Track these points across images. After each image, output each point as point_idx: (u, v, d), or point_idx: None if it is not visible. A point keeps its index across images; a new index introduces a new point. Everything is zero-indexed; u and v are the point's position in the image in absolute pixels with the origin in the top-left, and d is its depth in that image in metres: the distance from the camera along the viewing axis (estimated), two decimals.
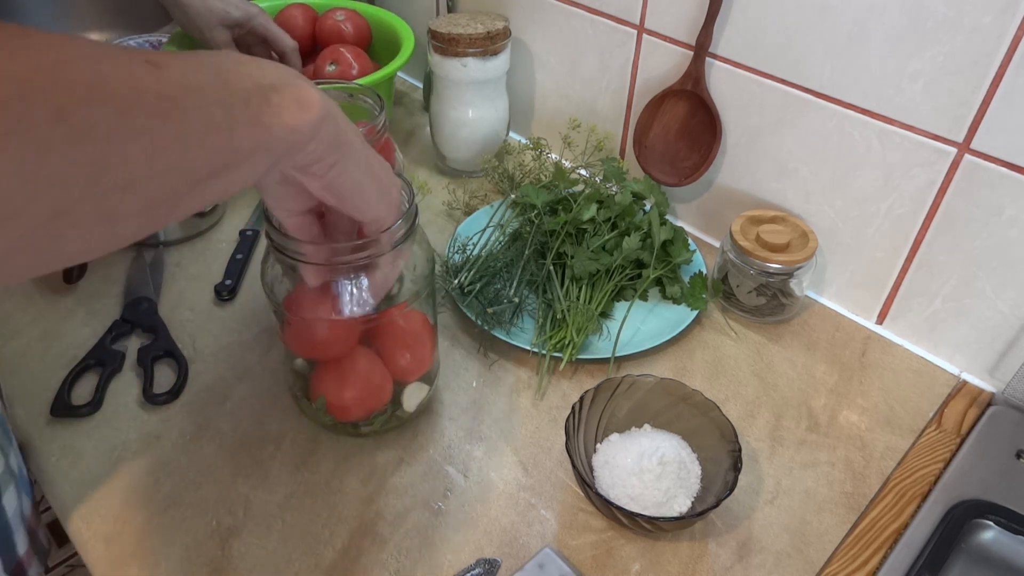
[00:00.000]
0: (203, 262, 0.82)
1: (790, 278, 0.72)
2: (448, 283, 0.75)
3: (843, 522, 0.59)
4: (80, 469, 0.61)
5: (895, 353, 0.74)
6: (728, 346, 0.74)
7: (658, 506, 0.56)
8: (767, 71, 0.72)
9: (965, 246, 0.67)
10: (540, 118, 0.99)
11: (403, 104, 1.11)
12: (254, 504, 0.59)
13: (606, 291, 0.74)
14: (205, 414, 0.66)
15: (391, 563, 0.56)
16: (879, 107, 0.66)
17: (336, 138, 0.40)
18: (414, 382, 0.63)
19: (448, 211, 0.90)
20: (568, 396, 0.68)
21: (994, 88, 0.59)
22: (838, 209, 0.73)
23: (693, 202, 0.86)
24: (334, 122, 0.40)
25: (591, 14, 0.85)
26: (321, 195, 0.44)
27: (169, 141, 0.30)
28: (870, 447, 0.65)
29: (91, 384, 0.68)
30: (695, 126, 0.80)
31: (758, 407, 0.68)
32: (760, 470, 0.63)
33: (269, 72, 0.37)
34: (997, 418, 0.67)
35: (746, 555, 0.57)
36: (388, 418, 0.63)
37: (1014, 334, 0.67)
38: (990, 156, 0.62)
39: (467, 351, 0.72)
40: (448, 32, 0.85)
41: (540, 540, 0.57)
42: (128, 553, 0.56)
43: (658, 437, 0.60)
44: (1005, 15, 0.57)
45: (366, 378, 0.60)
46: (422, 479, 0.61)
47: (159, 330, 0.72)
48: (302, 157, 0.40)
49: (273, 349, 0.72)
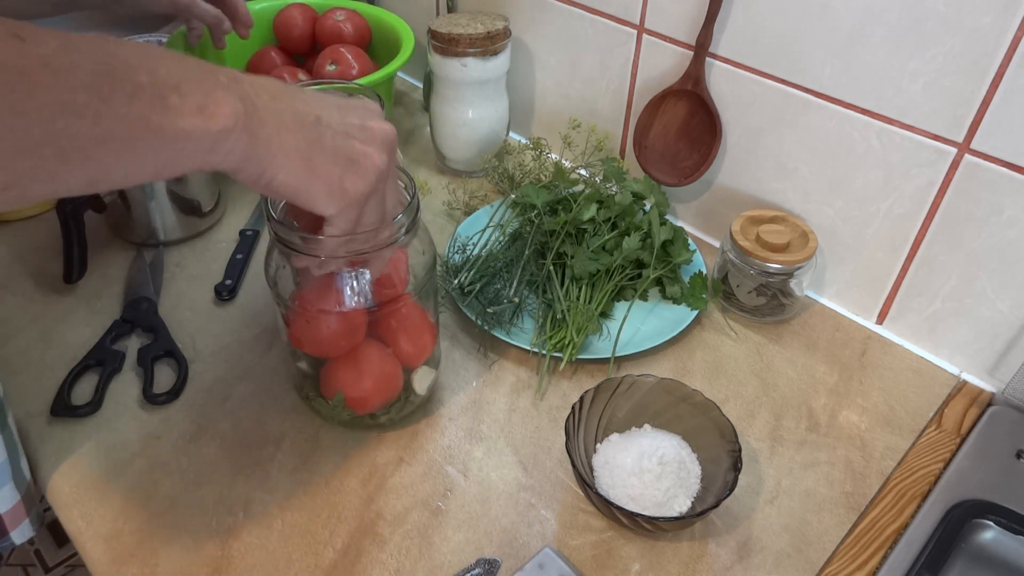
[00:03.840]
0: (203, 262, 0.82)
1: (790, 278, 0.72)
2: (448, 283, 0.75)
3: (843, 522, 0.59)
4: (80, 469, 0.61)
5: (895, 353, 0.74)
6: (728, 346, 0.74)
7: (658, 506, 0.56)
8: (767, 71, 0.72)
9: (965, 246, 0.67)
10: (540, 118, 0.99)
11: (403, 104, 1.11)
12: (254, 504, 0.59)
13: (606, 291, 0.74)
14: (205, 414, 0.66)
15: (391, 563, 0.56)
16: (879, 107, 0.66)
17: (251, 152, 0.40)
18: (421, 367, 0.64)
19: (448, 211, 0.90)
20: (568, 396, 0.68)
21: (994, 88, 0.59)
22: (838, 209, 0.73)
23: (693, 202, 0.86)
24: (249, 137, 0.39)
25: (591, 14, 0.85)
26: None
27: (5, 113, 0.30)
28: (870, 447, 0.65)
29: (91, 384, 0.68)
30: (695, 126, 0.80)
31: (758, 407, 0.68)
32: (760, 470, 0.63)
33: (179, 73, 0.36)
34: (997, 418, 0.67)
35: (746, 555, 0.57)
36: (403, 404, 0.64)
37: (1014, 334, 0.67)
38: (990, 156, 0.62)
39: (467, 351, 0.72)
40: (448, 32, 0.85)
41: (540, 540, 0.57)
42: (128, 553, 0.56)
43: (658, 437, 0.60)
44: (1005, 15, 0.57)
45: (380, 368, 0.61)
46: (422, 479, 0.61)
47: (159, 330, 0.72)
48: (217, 163, 0.39)
49: (273, 349, 0.72)
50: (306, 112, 0.43)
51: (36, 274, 0.79)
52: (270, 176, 0.41)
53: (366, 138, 0.46)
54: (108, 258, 0.81)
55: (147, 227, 0.81)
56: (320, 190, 0.44)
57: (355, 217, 0.47)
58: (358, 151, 0.45)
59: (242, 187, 0.91)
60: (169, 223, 0.82)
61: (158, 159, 0.37)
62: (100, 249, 0.81)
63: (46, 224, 0.84)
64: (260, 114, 0.40)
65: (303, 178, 0.43)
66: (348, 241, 0.49)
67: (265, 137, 0.40)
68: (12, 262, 0.80)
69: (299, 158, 0.42)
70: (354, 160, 0.45)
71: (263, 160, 0.41)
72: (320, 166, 0.43)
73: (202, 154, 0.38)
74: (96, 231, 0.81)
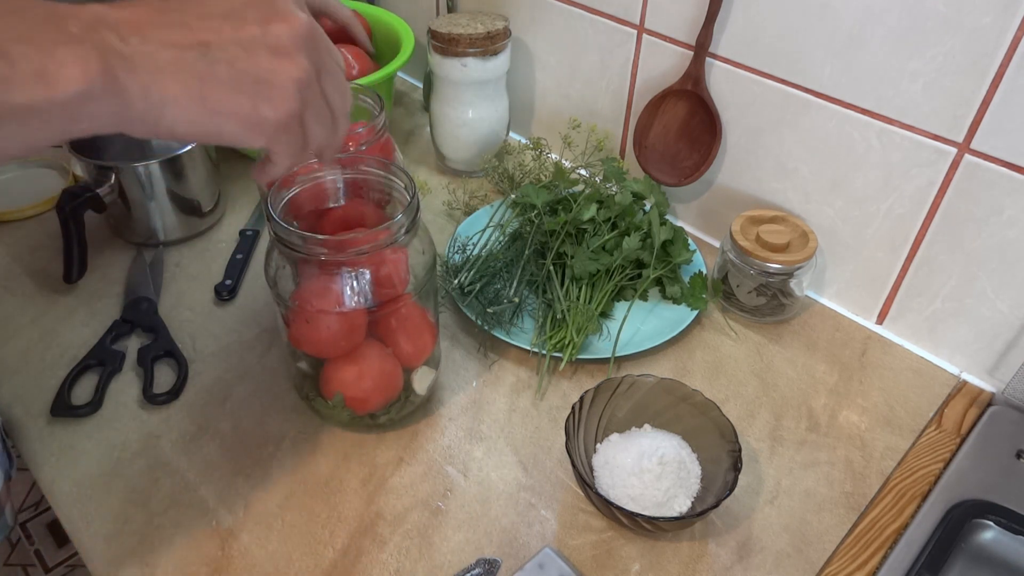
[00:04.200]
0: (203, 262, 0.82)
1: (790, 278, 0.72)
2: (448, 283, 0.75)
3: (843, 522, 0.59)
4: (80, 469, 0.61)
5: (895, 353, 0.74)
6: (728, 346, 0.74)
7: (658, 506, 0.56)
8: (767, 71, 0.72)
9: (965, 246, 0.67)
10: (540, 118, 0.99)
11: (403, 104, 1.11)
12: (254, 504, 0.59)
13: (606, 291, 0.74)
14: (205, 414, 0.66)
15: (391, 563, 0.56)
16: (879, 107, 0.66)
17: (126, 112, 0.34)
18: (421, 367, 0.64)
19: (448, 211, 0.90)
20: (568, 396, 0.68)
21: (994, 88, 0.59)
22: (838, 209, 0.73)
23: (693, 202, 0.86)
24: (117, 94, 0.33)
25: (591, 14, 0.85)
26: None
27: None
28: (870, 447, 0.65)
29: (91, 384, 0.68)
30: (695, 126, 0.80)
31: (758, 407, 0.68)
32: (760, 470, 0.63)
33: (10, 32, 0.30)
34: (997, 418, 0.67)
35: (746, 555, 0.57)
36: (403, 404, 0.64)
37: (1014, 334, 0.67)
38: (990, 156, 0.62)
39: (467, 351, 0.72)
40: (448, 32, 0.85)
41: (540, 540, 0.57)
42: (128, 553, 0.56)
43: (658, 437, 0.60)
44: (1005, 15, 0.57)
45: (380, 368, 0.61)
46: (422, 479, 0.61)
47: (159, 330, 0.72)
48: (87, 130, 0.33)
49: (273, 349, 0.72)
50: (189, 43, 0.36)
51: (36, 274, 0.79)
52: (167, 128, 0.36)
53: (273, 46, 0.38)
54: (108, 258, 0.81)
55: (147, 227, 0.81)
56: (233, 128, 0.38)
57: (294, 140, 0.41)
58: (265, 68, 0.38)
59: (242, 187, 0.91)
60: (169, 223, 0.82)
61: (6, 140, 0.31)
62: (100, 249, 0.81)
63: (46, 224, 0.84)
64: (130, 62, 0.34)
65: (206, 121, 0.37)
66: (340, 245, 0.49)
67: (140, 89, 0.34)
68: (12, 262, 0.80)
69: (192, 101, 0.36)
70: (263, 80, 0.38)
71: (147, 116, 0.35)
72: (222, 102, 0.37)
73: (61, 125, 0.32)
74: (96, 231, 0.81)
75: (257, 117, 0.38)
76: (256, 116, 0.38)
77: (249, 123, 0.38)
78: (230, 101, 0.37)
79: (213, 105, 0.36)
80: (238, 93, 0.37)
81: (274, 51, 0.38)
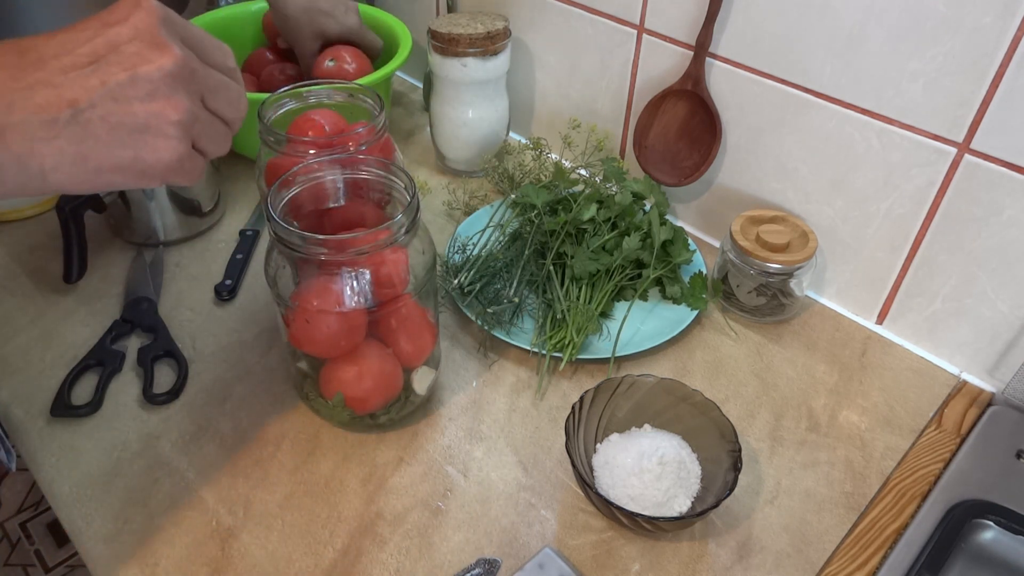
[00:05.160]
0: (203, 262, 0.82)
1: (790, 278, 0.72)
2: (448, 283, 0.75)
3: (843, 522, 0.59)
4: (80, 469, 0.61)
5: (895, 353, 0.74)
6: (728, 346, 0.74)
7: (658, 506, 0.56)
8: (767, 71, 0.72)
9: (965, 246, 0.67)
10: (540, 118, 0.99)
11: (403, 104, 1.11)
12: (254, 504, 0.59)
13: (606, 291, 0.74)
14: (205, 414, 0.66)
15: (391, 563, 0.56)
16: (879, 107, 0.66)
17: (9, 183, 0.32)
18: (421, 367, 0.64)
19: (448, 211, 0.90)
20: (568, 396, 0.68)
21: (994, 88, 0.59)
22: (838, 209, 0.73)
23: (693, 202, 0.87)
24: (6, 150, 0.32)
25: (591, 14, 0.85)
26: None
27: None
28: (870, 447, 0.65)
29: (91, 384, 0.68)
30: (695, 126, 0.80)
31: (758, 407, 0.68)
32: (760, 470, 0.63)
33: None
34: (997, 418, 0.67)
35: (746, 555, 0.57)
36: (403, 404, 0.64)
37: (1014, 334, 0.67)
38: (990, 156, 0.62)
39: (467, 351, 0.72)
40: (448, 32, 0.85)
41: (540, 540, 0.57)
42: (128, 553, 0.56)
43: (658, 437, 0.60)
44: (1005, 15, 0.57)
45: (380, 368, 0.61)
46: (422, 479, 0.61)
47: (159, 330, 0.72)
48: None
49: (273, 349, 0.72)
50: (57, 105, 0.34)
51: (36, 274, 0.79)
52: (55, 189, 0.35)
53: (145, 91, 0.36)
54: (108, 258, 0.81)
55: (147, 227, 0.81)
56: (123, 180, 0.36)
57: (191, 168, 0.39)
58: (141, 117, 0.36)
59: (242, 187, 0.91)
60: (169, 223, 0.82)
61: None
62: (100, 249, 0.81)
63: (46, 224, 0.84)
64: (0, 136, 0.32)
65: (93, 179, 0.36)
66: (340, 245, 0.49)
67: (15, 161, 0.33)
68: (12, 262, 0.80)
69: (72, 164, 0.35)
70: (141, 128, 0.36)
71: (29, 184, 0.34)
72: (103, 159, 0.35)
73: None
74: (96, 231, 0.81)
75: (143, 166, 0.37)
76: (141, 165, 0.37)
77: (136, 173, 0.37)
78: (111, 157, 0.36)
79: (95, 164, 0.35)
80: (118, 148, 0.36)
81: (148, 96, 0.36)
